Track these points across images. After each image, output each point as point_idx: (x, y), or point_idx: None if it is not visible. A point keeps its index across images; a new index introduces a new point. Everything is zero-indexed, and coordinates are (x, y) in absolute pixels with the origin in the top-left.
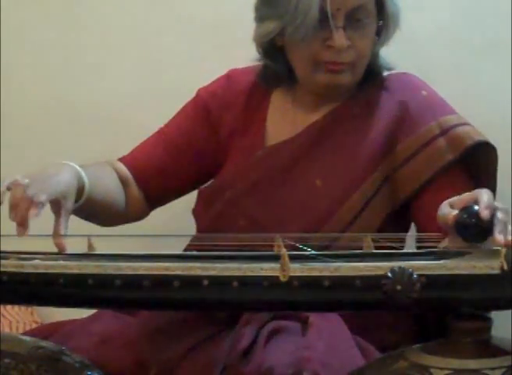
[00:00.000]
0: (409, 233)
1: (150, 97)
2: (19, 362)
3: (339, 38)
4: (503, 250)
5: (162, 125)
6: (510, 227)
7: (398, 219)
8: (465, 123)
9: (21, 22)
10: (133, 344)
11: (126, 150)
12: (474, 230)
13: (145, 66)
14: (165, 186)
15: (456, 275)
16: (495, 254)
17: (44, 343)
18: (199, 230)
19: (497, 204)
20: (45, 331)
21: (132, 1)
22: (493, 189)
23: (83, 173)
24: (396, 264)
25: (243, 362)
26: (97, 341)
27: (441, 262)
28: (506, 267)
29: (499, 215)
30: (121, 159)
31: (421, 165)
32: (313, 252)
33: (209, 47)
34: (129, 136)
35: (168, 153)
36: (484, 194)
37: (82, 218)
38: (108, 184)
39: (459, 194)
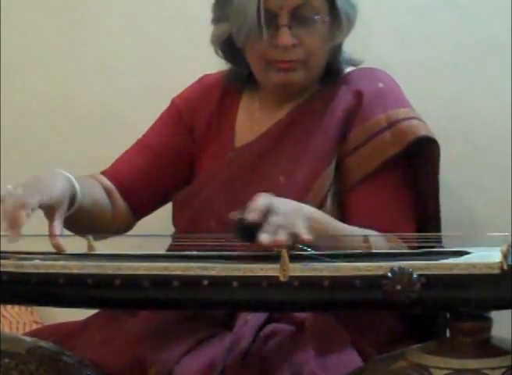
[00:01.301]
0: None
1: (150, 97)
2: (19, 362)
3: (284, 37)
4: (503, 250)
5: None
6: (286, 228)
7: None
8: (413, 117)
9: (21, 22)
10: (133, 344)
11: (125, 149)
12: (247, 231)
13: (145, 66)
14: (149, 195)
15: (456, 275)
16: (495, 254)
17: (44, 343)
18: (176, 233)
19: (275, 207)
20: (45, 331)
21: (132, 1)
22: (435, 181)
23: (75, 182)
24: (396, 264)
25: (242, 364)
26: (97, 340)
27: (441, 262)
28: (506, 267)
29: (271, 218)
30: (103, 173)
31: (366, 156)
32: (313, 252)
33: (209, 47)
34: (129, 136)
35: (149, 162)
36: (259, 198)
37: (70, 229)
38: (97, 195)
39: (388, 194)
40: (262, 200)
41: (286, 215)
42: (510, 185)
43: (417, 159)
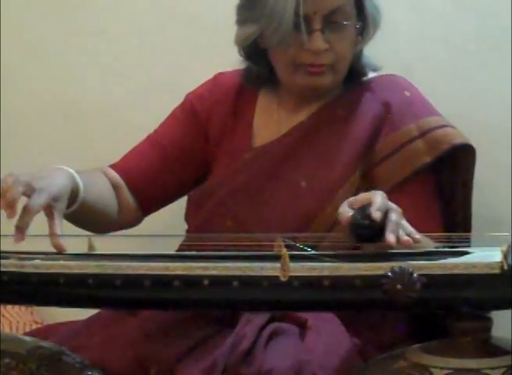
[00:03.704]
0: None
1: (150, 97)
2: (19, 362)
3: (317, 41)
4: (503, 250)
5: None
6: (409, 228)
7: None
8: (445, 125)
9: (21, 22)
10: (133, 344)
11: (126, 149)
12: (367, 231)
13: (145, 66)
14: (157, 191)
15: (456, 275)
16: (495, 254)
17: (44, 343)
18: (189, 231)
19: (392, 205)
20: (45, 331)
21: (132, 2)
22: (470, 189)
23: (77, 178)
24: (396, 264)
25: (243, 364)
26: (98, 340)
27: (441, 262)
28: (506, 267)
29: (393, 216)
30: (112, 166)
31: (397, 165)
32: (313, 252)
33: (209, 47)
34: (128, 136)
35: (159, 158)
36: (378, 196)
37: (75, 224)
38: (102, 190)
39: (419, 203)
40: (381, 198)
41: (400, 213)
42: (510, 185)
43: (448, 167)
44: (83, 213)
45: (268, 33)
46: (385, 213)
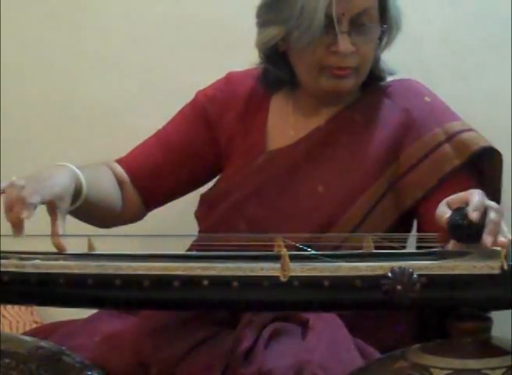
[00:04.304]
0: (409, 234)
1: (149, 97)
2: (19, 362)
3: (344, 43)
4: (503, 250)
5: (161, 126)
6: (502, 228)
7: (403, 226)
8: (470, 129)
9: (21, 22)
10: (133, 344)
11: (125, 150)
12: (465, 232)
13: (145, 66)
14: (161, 188)
15: (456, 275)
16: (495, 254)
17: (44, 343)
18: (201, 232)
19: (491, 204)
20: (45, 331)
21: (131, 2)
22: (498, 193)
23: (80, 175)
24: (396, 264)
25: (244, 364)
26: (98, 340)
27: (441, 262)
28: (506, 267)
29: (492, 215)
30: (118, 161)
31: (427, 171)
32: (313, 252)
33: (209, 47)
34: (128, 136)
35: (165, 155)
36: (475, 195)
37: (79, 219)
38: (106, 186)
39: None
40: (479, 198)
41: (503, 213)
42: (510, 185)
43: (477, 171)
44: (87, 209)
45: (297, 34)
46: (485, 212)
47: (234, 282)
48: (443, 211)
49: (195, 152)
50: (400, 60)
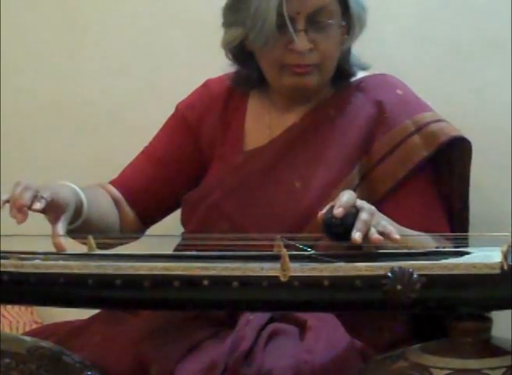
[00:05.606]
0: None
1: (149, 97)
2: (19, 362)
3: (300, 42)
4: (503, 250)
5: (160, 126)
6: (387, 227)
7: None
8: (439, 120)
9: (21, 22)
10: (133, 344)
11: (125, 150)
12: (337, 229)
13: (144, 66)
14: (155, 203)
15: (456, 275)
16: (495, 254)
17: (44, 343)
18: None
19: (362, 204)
20: (45, 331)
21: (131, 2)
22: (467, 181)
23: (81, 194)
24: (396, 264)
25: (243, 364)
26: (98, 340)
27: (441, 262)
28: (506, 267)
29: (363, 215)
30: (111, 182)
31: (397, 162)
32: (313, 252)
33: (209, 47)
34: (128, 136)
35: (155, 171)
36: (344, 194)
37: (77, 240)
38: (104, 206)
39: (424, 198)
40: (347, 197)
41: (374, 213)
42: (510, 185)
43: (445, 160)
44: (86, 228)
45: (253, 35)
46: (357, 213)
47: (234, 282)
48: (324, 209)
49: (182, 163)
50: (399, 60)
